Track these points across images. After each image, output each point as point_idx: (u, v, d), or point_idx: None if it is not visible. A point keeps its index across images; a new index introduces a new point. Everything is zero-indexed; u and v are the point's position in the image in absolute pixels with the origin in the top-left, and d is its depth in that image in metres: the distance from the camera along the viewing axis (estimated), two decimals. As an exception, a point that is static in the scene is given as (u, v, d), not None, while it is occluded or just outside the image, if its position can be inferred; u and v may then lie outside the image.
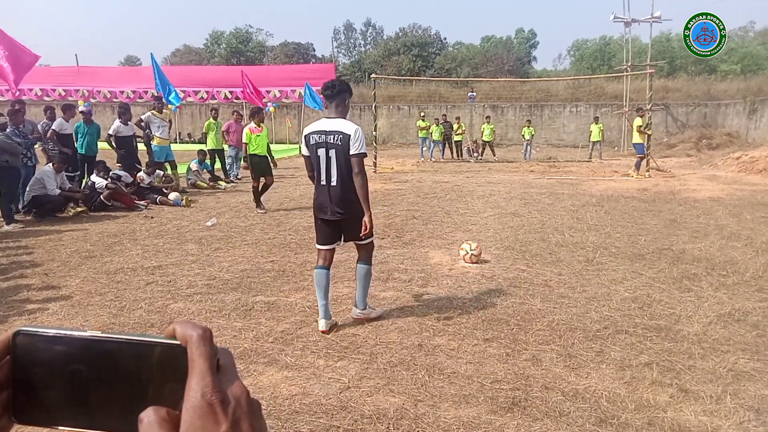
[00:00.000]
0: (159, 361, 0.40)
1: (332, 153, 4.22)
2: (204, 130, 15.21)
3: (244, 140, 9.89)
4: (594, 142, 21.47)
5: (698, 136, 24.14)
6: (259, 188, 9.87)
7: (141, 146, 12.27)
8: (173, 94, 15.67)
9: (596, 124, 21.57)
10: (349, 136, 4.16)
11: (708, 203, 10.34)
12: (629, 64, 24.42)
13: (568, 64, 60.78)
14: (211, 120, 14.59)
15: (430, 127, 21.53)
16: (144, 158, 11.99)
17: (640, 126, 14.78)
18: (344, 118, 4.30)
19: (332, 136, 4.19)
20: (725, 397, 3.32)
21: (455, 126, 22.01)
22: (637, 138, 15.05)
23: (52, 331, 0.41)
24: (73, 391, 0.41)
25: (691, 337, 4.19)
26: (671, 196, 11.27)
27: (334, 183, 4.24)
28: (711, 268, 6.03)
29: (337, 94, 4.28)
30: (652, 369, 3.67)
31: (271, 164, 10.02)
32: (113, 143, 11.42)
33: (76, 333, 0.41)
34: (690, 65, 40.65)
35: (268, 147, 10.05)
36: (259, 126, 9.85)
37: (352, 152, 4.15)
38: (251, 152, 9.74)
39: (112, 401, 0.40)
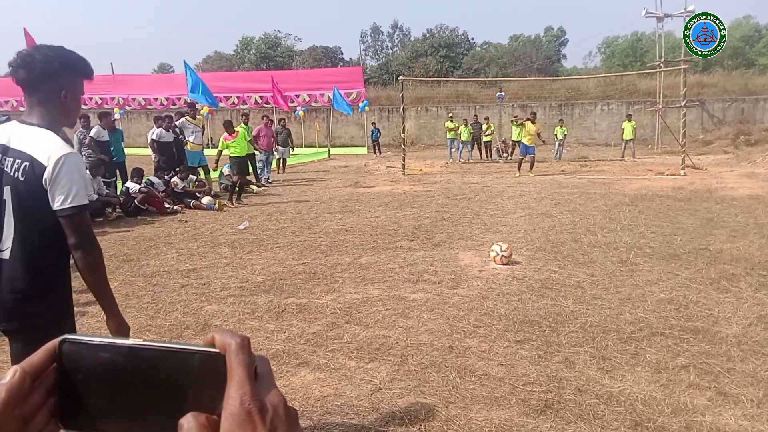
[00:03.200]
0: (198, 368, 0.41)
1: (7, 192, 2.05)
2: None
3: (219, 147, 12.53)
4: (627, 140, 21.06)
5: (735, 133, 23.47)
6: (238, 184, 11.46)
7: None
8: (209, 96, 16.14)
9: (629, 121, 21.15)
10: (44, 168, 2.00)
11: (746, 201, 10.05)
12: (662, 60, 23.84)
13: (599, 61, 59.84)
14: (242, 125, 14.83)
15: (458, 128, 21.43)
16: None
17: (537, 131, 15.85)
18: (53, 130, 2.08)
19: (13, 161, 2.04)
20: (767, 401, 3.23)
21: (484, 126, 21.88)
22: (531, 141, 15.82)
23: (96, 339, 0.43)
24: (115, 397, 0.42)
25: (730, 339, 4.08)
26: (708, 195, 10.98)
27: (4, 253, 2.06)
28: (750, 268, 5.86)
29: (42, 80, 2.04)
30: (690, 372, 3.59)
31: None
32: (155, 148, 12.00)
33: (119, 341, 0.43)
34: (726, 59, 39.53)
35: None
36: (231, 133, 12.03)
37: (56, 205, 2.01)
38: (233, 154, 11.85)
39: (153, 407, 0.42)
